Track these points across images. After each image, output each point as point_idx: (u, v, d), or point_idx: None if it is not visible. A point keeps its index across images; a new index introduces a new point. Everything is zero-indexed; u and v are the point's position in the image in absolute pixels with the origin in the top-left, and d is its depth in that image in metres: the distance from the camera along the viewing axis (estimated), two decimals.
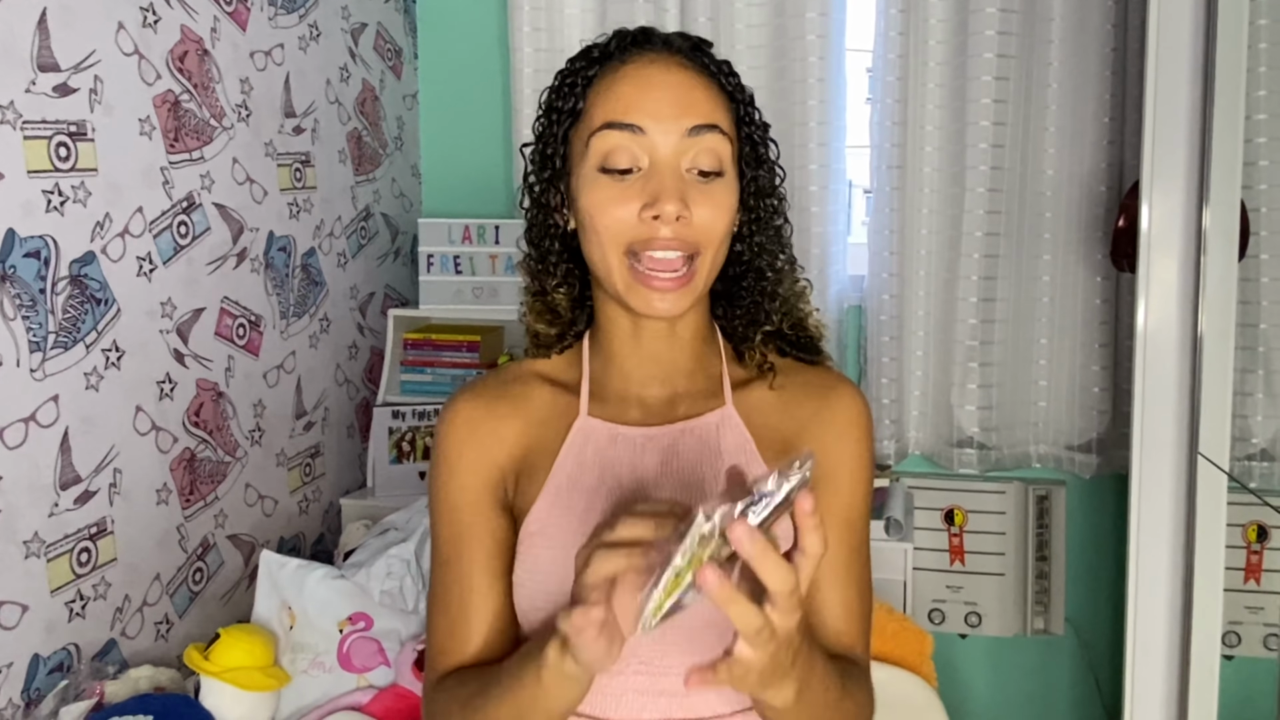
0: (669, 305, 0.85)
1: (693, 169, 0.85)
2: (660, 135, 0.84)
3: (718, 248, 0.87)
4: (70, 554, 1.48)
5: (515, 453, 0.92)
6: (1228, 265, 1.60)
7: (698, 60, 0.88)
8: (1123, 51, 2.10)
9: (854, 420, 0.94)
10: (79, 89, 1.47)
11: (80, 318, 1.49)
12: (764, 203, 0.92)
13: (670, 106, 0.84)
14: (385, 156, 2.36)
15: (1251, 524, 1.91)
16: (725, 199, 0.87)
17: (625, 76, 0.86)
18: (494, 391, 0.95)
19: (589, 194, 0.86)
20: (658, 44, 0.88)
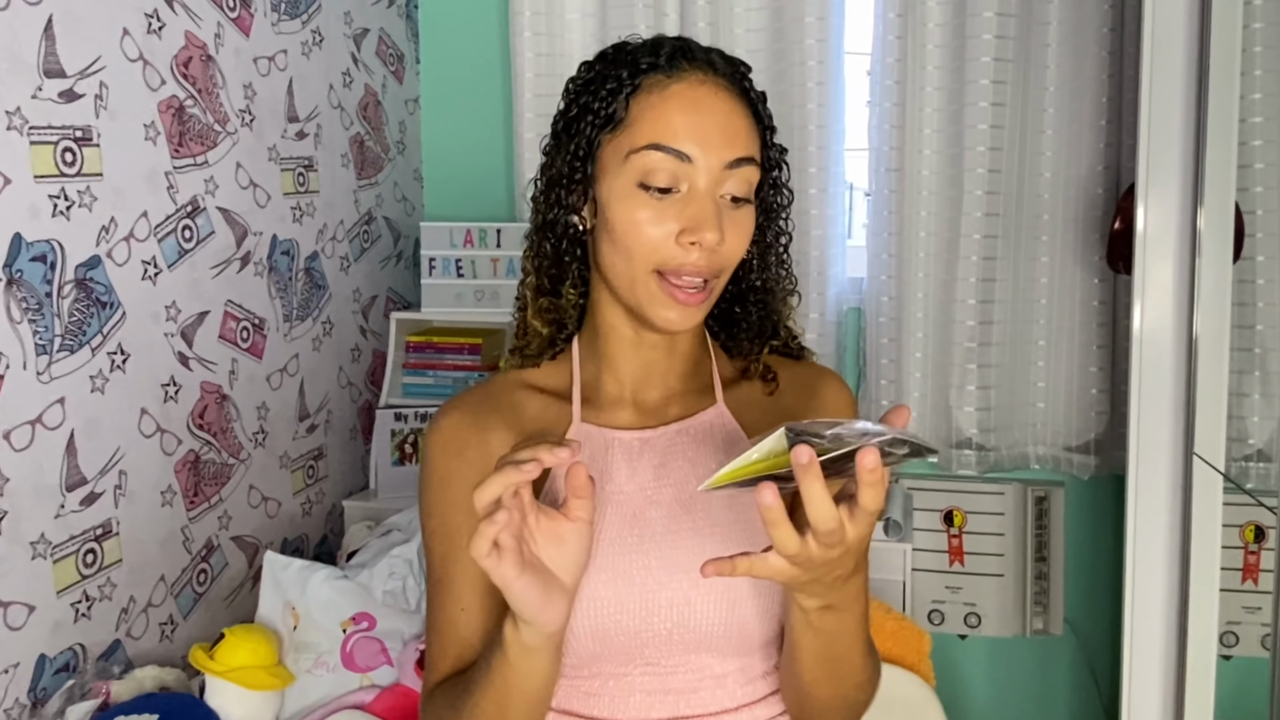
0: (684, 321, 0.87)
1: (726, 195, 0.87)
2: (704, 165, 0.85)
3: (729, 271, 0.89)
4: (76, 555, 1.49)
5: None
6: (1222, 267, 1.61)
7: (739, 86, 0.89)
8: (1119, 55, 2.12)
9: (843, 410, 0.97)
10: (84, 95, 1.49)
11: (86, 321, 1.51)
12: (775, 224, 0.95)
13: (718, 137, 0.85)
14: (387, 161, 2.38)
15: (1249, 524, 1.92)
16: (750, 225, 0.89)
17: (675, 96, 0.85)
18: (480, 404, 0.94)
19: (624, 208, 0.86)
20: (702, 63, 0.87)
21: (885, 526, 2.03)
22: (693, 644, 0.89)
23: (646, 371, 0.94)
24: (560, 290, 0.93)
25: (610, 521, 0.89)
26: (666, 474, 0.91)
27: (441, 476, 0.91)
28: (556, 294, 0.93)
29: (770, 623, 0.90)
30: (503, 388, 0.95)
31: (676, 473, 0.91)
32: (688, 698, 0.89)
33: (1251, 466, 1.78)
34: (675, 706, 0.89)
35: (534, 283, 0.94)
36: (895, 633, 1.52)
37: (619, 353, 0.93)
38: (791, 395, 0.97)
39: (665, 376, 0.95)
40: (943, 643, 2.36)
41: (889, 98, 2.21)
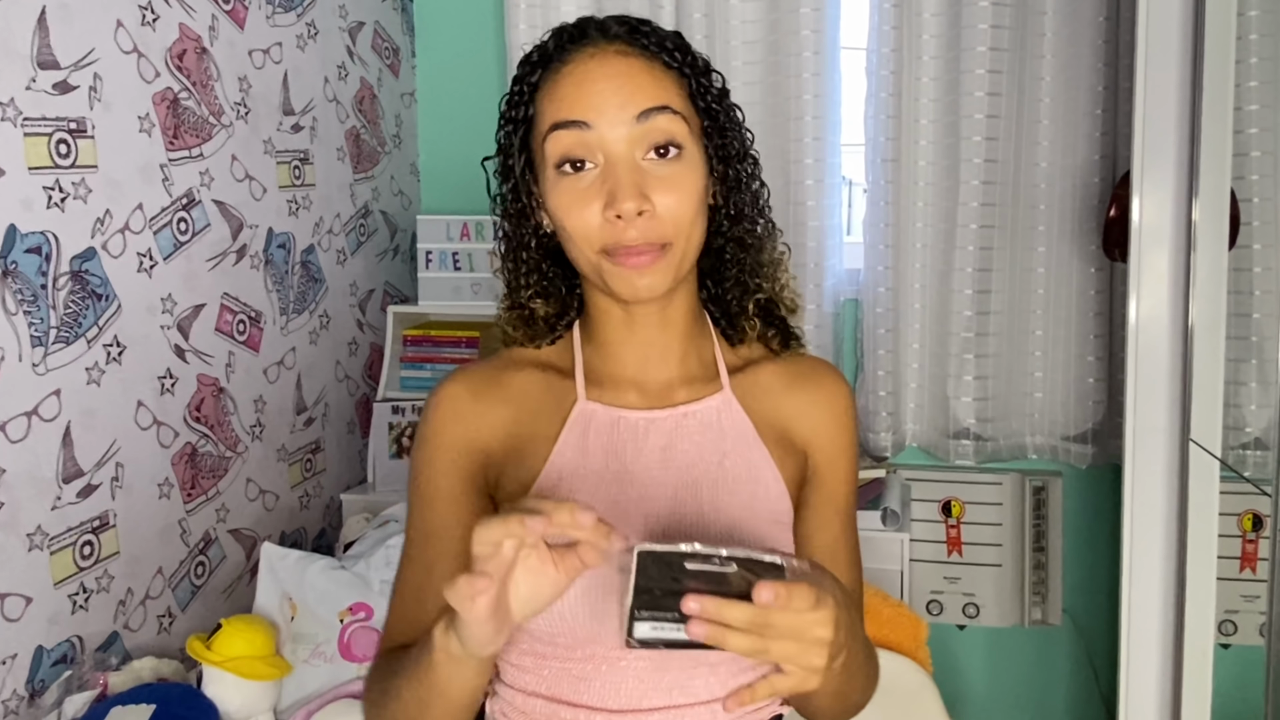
0: (650, 282, 0.84)
1: (649, 155, 0.84)
2: (608, 128, 0.83)
3: (689, 231, 0.86)
4: (73, 547, 1.49)
5: (504, 439, 0.91)
6: (1217, 256, 1.61)
7: (637, 44, 0.86)
8: (1114, 44, 2.12)
9: (847, 408, 0.96)
10: (79, 86, 1.49)
11: (81, 313, 1.51)
12: (735, 168, 0.90)
13: (613, 96, 0.83)
14: (384, 154, 2.38)
15: (1247, 513, 1.92)
16: (688, 179, 0.85)
17: (566, 76, 0.85)
18: (484, 377, 0.93)
19: (554, 198, 0.85)
20: (594, 35, 0.86)
21: (883, 517, 2.03)
22: None
23: (646, 352, 0.92)
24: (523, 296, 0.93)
25: (612, 500, 0.88)
26: (671, 457, 0.90)
27: (434, 444, 0.91)
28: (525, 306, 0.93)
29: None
30: (508, 363, 0.94)
31: (682, 456, 0.90)
32: (682, 686, 0.89)
33: (1249, 454, 1.78)
34: (669, 695, 0.88)
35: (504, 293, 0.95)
36: (892, 619, 1.52)
37: (615, 335, 0.92)
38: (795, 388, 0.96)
39: (665, 357, 0.93)
40: (941, 633, 2.36)
41: (884, 89, 2.21)
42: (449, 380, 0.93)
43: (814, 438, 0.95)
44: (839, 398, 0.96)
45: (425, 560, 0.90)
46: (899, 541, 2.04)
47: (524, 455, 0.90)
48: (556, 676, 0.90)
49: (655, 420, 0.91)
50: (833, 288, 2.30)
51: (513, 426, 0.91)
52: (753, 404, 0.93)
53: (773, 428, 0.93)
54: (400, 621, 0.90)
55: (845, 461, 0.96)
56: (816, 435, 0.95)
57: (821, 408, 0.95)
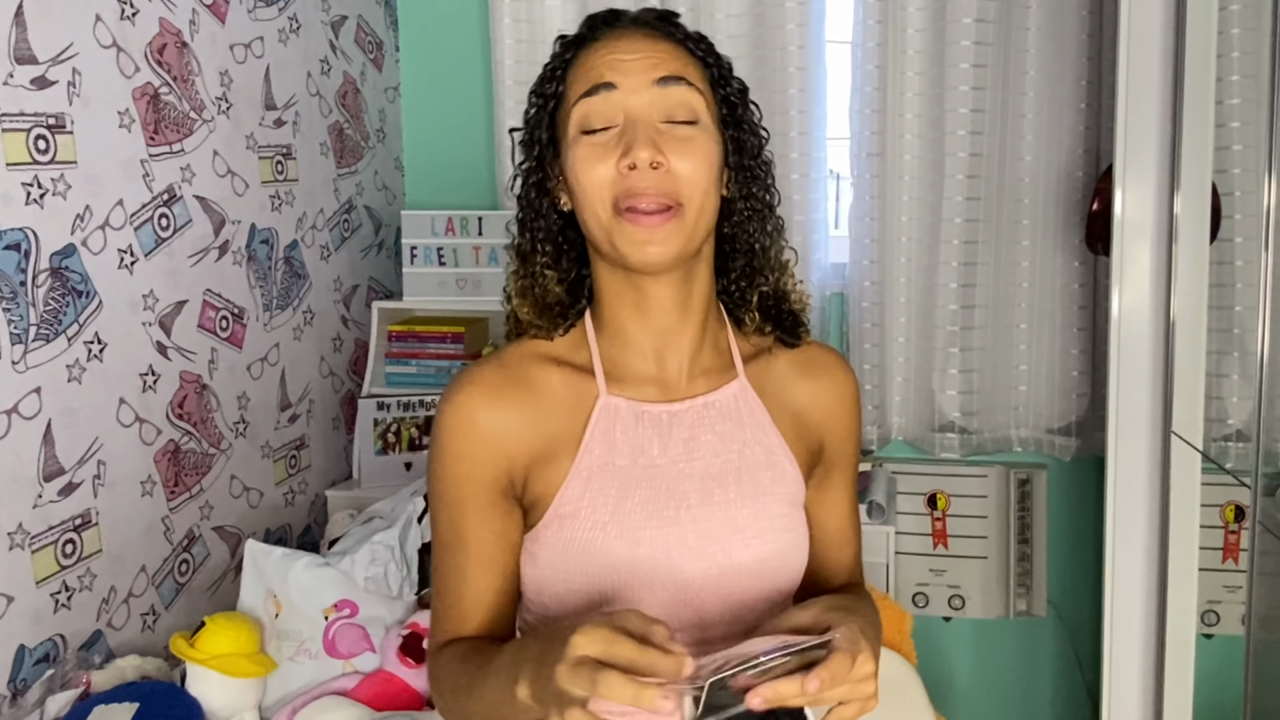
0: (659, 248, 0.85)
1: (668, 120, 0.87)
2: (630, 91, 0.86)
3: (702, 199, 0.87)
4: (55, 545, 1.48)
5: (529, 441, 0.90)
6: (1199, 249, 1.62)
7: (664, 28, 0.91)
8: (1098, 38, 2.12)
9: (854, 395, 1.01)
10: (57, 81, 1.48)
11: (61, 310, 1.49)
12: (749, 162, 0.93)
13: (638, 62, 0.87)
14: (367, 149, 2.37)
15: (1229, 504, 1.94)
16: (704, 148, 0.87)
17: (593, 51, 0.89)
18: (500, 379, 0.92)
19: (573, 158, 0.87)
20: (625, 21, 0.91)
21: (869, 509, 2.04)
22: (724, 609, 0.92)
23: (662, 340, 0.93)
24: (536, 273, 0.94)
25: (646, 495, 0.90)
26: (696, 447, 0.92)
27: (453, 454, 0.90)
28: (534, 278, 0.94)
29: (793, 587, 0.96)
30: (519, 360, 0.93)
31: (705, 446, 0.92)
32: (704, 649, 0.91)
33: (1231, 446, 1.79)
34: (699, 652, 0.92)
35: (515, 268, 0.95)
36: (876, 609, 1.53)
37: (629, 323, 0.92)
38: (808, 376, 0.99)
39: (682, 345, 0.93)
40: (927, 625, 2.37)
41: (870, 82, 2.21)
42: (461, 388, 0.91)
43: (826, 423, 0.99)
44: (847, 385, 1.00)
45: (457, 564, 0.92)
46: (884, 534, 2.05)
47: (550, 455, 0.91)
48: None
49: (677, 412, 0.92)
50: (818, 281, 2.31)
51: (536, 427, 0.91)
52: (766, 391, 0.96)
53: (786, 414, 0.97)
54: (445, 620, 0.93)
55: (853, 446, 1.02)
56: (828, 421, 0.99)
57: (832, 395, 0.99)
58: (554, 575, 0.90)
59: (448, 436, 0.90)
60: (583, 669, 0.67)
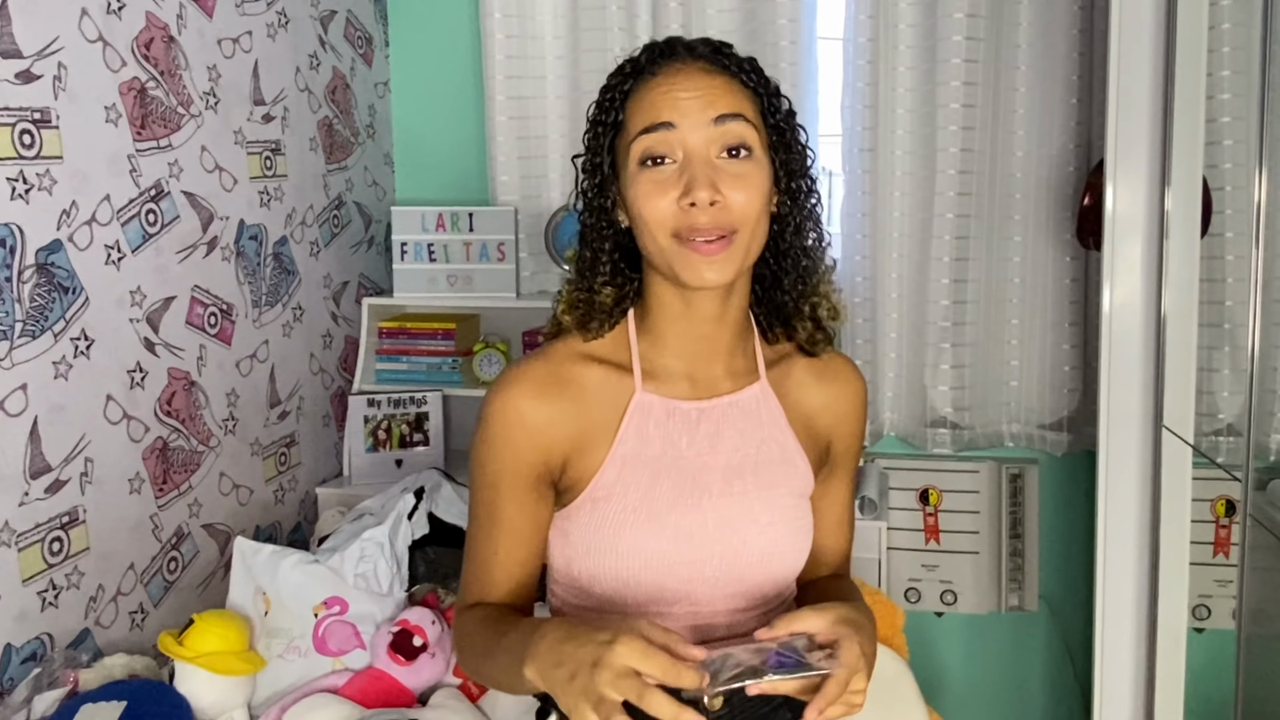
0: (716, 274, 0.93)
1: (723, 154, 0.93)
2: (689, 130, 0.93)
3: (754, 226, 0.95)
4: (42, 543, 1.47)
5: (569, 432, 0.99)
6: (1189, 245, 1.62)
7: (719, 62, 0.96)
8: (1089, 33, 2.12)
9: (863, 402, 1.11)
10: (42, 75, 1.46)
11: (48, 306, 1.48)
12: (797, 183, 1.00)
13: (696, 102, 0.93)
14: (357, 144, 2.36)
15: (1220, 498, 1.94)
16: (756, 178, 0.94)
17: (655, 86, 0.95)
18: (545, 375, 1.00)
19: (635, 191, 0.95)
20: (682, 53, 0.97)
21: (861, 505, 2.04)
22: (735, 592, 1.02)
23: (699, 346, 1.02)
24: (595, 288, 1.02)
25: (674, 484, 0.99)
26: (720, 442, 1.02)
27: (499, 443, 0.99)
28: (592, 291, 1.02)
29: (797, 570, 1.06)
30: (562, 358, 1.02)
31: (728, 441, 1.02)
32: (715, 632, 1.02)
33: (1222, 440, 1.79)
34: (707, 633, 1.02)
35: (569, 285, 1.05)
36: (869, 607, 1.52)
37: (671, 329, 1.01)
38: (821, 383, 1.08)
39: (716, 350, 1.02)
40: (920, 620, 2.37)
41: (861, 78, 2.21)
42: (510, 382, 1.00)
43: (836, 426, 1.09)
44: (858, 393, 1.10)
45: (492, 540, 1.00)
46: (877, 530, 2.05)
47: (588, 445, 1.00)
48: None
49: (705, 409, 1.02)
50: None
51: (575, 419, 1.00)
52: (784, 394, 1.06)
53: (800, 415, 1.06)
54: (473, 585, 1.02)
55: (858, 446, 1.12)
56: (838, 424, 1.09)
57: (844, 401, 1.09)
58: (585, 552, 1.00)
59: (495, 426, 0.99)
60: (629, 681, 0.76)
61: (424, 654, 1.47)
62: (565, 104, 2.33)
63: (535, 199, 2.38)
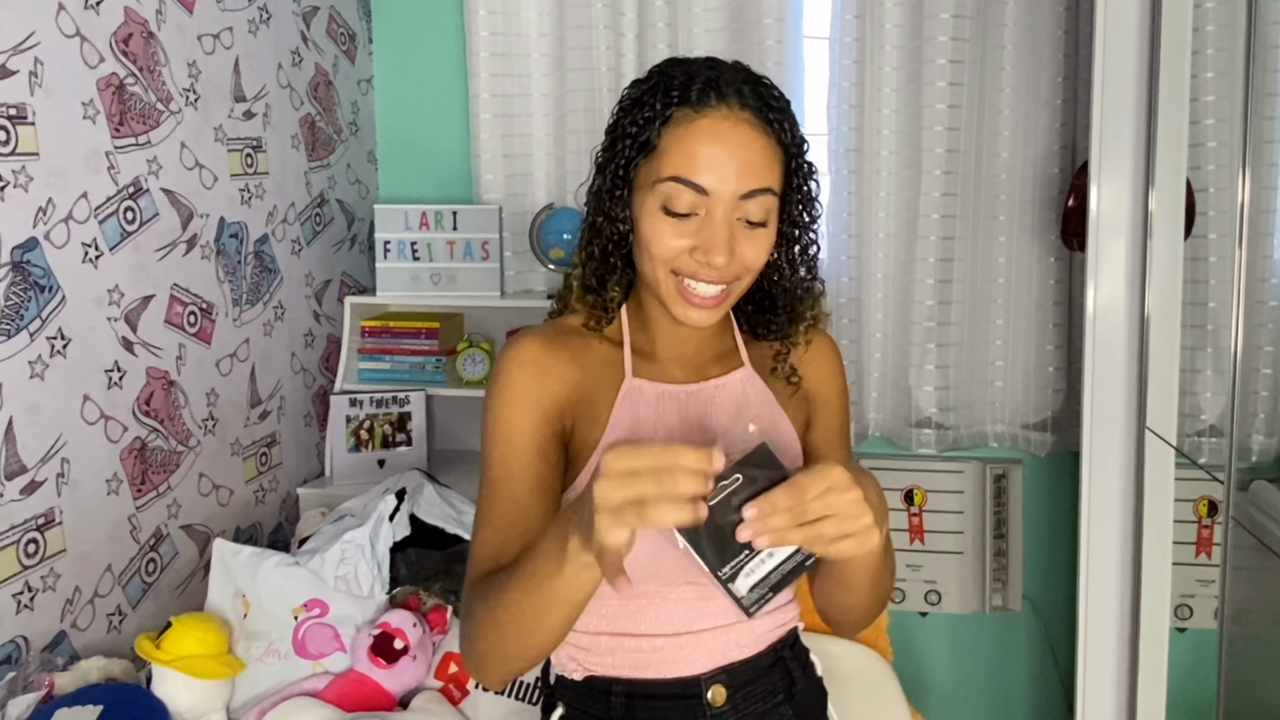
0: (703, 319, 0.99)
1: (742, 219, 0.97)
2: (720, 197, 0.95)
3: (750, 277, 1.01)
4: (17, 545, 1.45)
5: (576, 387, 1.03)
6: (1174, 245, 1.63)
7: (764, 117, 0.97)
8: (1074, 34, 2.13)
9: (834, 355, 1.16)
10: (18, 71, 1.44)
11: (24, 305, 1.46)
12: (803, 234, 1.05)
13: (735, 171, 0.95)
14: (340, 142, 2.34)
15: (1202, 499, 1.94)
16: (765, 242, 0.99)
17: (699, 131, 0.95)
18: (554, 338, 1.05)
19: (649, 224, 0.98)
20: (731, 96, 0.96)
21: None
22: None
23: (686, 340, 1.07)
24: (606, 285, 1.06)
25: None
26: (710, 422, 1.05)
27: (515, 389, 1.00)
28: (602, 289, 1.06)
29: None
30: (569, 330, 1.07)
31: (718, 422, 1.06)
32: (726, 610, 1.03)
33: (1204, 441, 1.80)
34: (715, 618, 1.05)
35: (580, 275, 1.07)
36: None
37: (658, 325, 1.06)
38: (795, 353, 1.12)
39: (701, 342, 1.08)
40: (903, 621, 2.37)
41: (847, 78, 2.21)
42: (521, 337, 1.04)
43: (814, 388, 1.13)
44: (827, 350, 1.15)
45: (511, 495, 0.98)
46: None
47: (591, 412, 1.03)
48: (615, 614, 1.05)
49: (693, 392, 1.06)
50: None
51: (582, 379, 1.04)
52: (764, 371, 1.11)
53: (783, 391, 1.11)
54: (491, 549, 0.98)
55: (838, 401, 1.15)
56: (815, 386, 1.13)
57: (815, 364, 1.13)
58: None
59: (510, 372, 1.01)
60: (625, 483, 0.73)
61: (405, 657, 1.46)
62: (550, 102, 2.32)
63: (520, 197, 2.36)
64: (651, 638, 1.05)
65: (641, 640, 1.05)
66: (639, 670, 1.05)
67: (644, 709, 1.05)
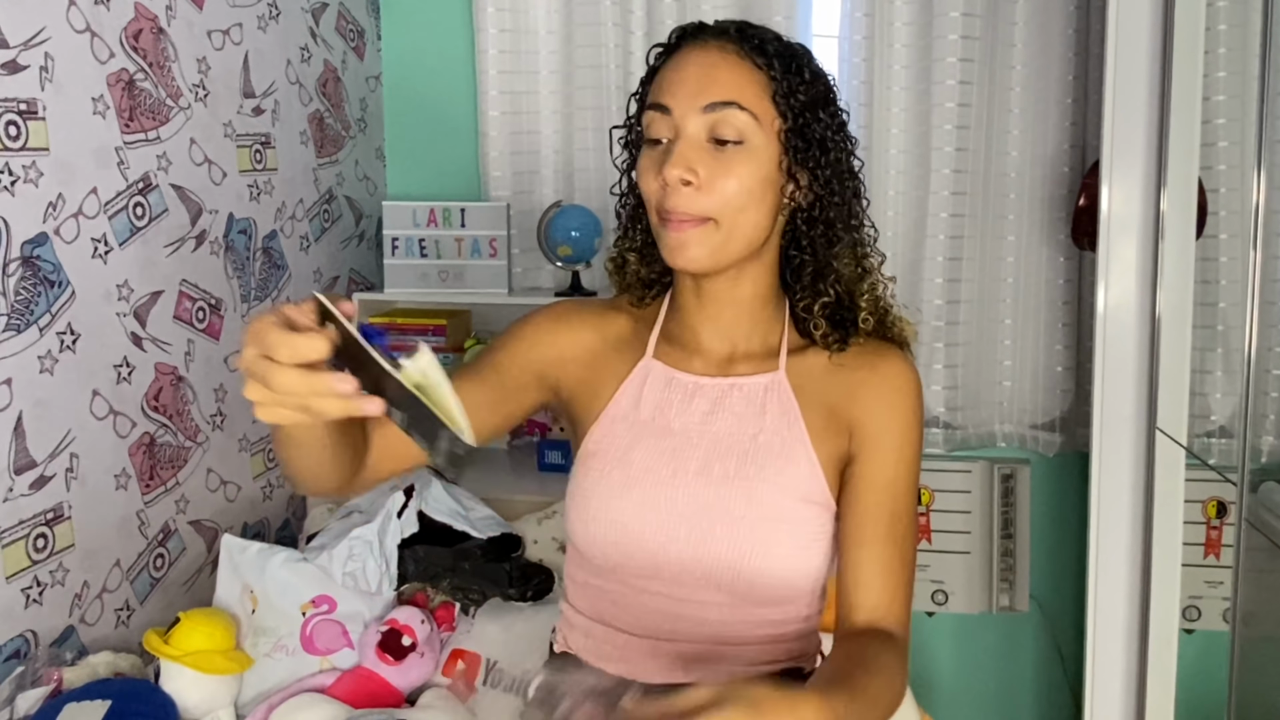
0: (691, 253, 0.92)
1: (713, 139, 0.92)
2: (680, 114, 0.92)
3: (736, 216, 0.92)
4: (26, 540, 1.45)
5: (584, 360, 1.03)
6: (1185, 246, 1.62)
7: (735, 42, 0.93)
8: (1085, 33, 2.12)
9: (900, 388, 0.96)
10: (29, 66, 1.44)
11: (33, 300, 1.46)
12: (821, 174, 0.95)
13: (694, 86, 0.91)
14: (348, 138, 2.34)
15: (1211, 500, 1.94)
16: (743, 167, 0.91)
17: (669, 65, 0.95)
18: (592, 307, 1.07)
19: (639, 167, 0.97)
20: (710, 33, 0.95)
21: None
22: (704, 579, 0.96)
23: (712, 324, 1.00)
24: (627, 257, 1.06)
25: (650, 449, 0.98)
26: (712, 421, 0.98)
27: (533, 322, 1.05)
28: (625, 261, 1.06)
29: (782, 587, 0.96)
30: (609, 306, 1.08)
31: (720, 423, 0.98)
32: (698, 626, 0.97)
33: (1214, 442, 1.79)
34: (690, 632, 0.98)
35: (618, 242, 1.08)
36: None
37: (688, 303, 1.01)
38: (854, 368, 0.98)
39: (729, 331, 1.00)
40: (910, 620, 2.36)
41: (856, 76, 2.20)
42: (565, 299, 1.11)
43: (862, 417, 0.96)
44: (893, 378, 0.97)
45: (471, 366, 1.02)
46: None
47: (596, 386, 1.02)
48: (596, 598, 1.02)
49: (704, 386, 0.99)
50: None
51: (595, 353, 1.03)
52: (808, 384, 0.98)
53: (822, 407, 0.97)
54: None
55: (889, 441, 0.95)
56: (865, 416, 0.96)
57: (871, 388, 0.96)
58: (569, 509, 1.00)
59: (535, 314, 1.05)
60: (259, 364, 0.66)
61: (413, 654, 1.46)
62: (558, 99, 2.32)
63: (528, 195, 2.36)
64: (626, 634, 1.00)
65: (614, 634, 1.01)
66: (603, 661, 1.02)
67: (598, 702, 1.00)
